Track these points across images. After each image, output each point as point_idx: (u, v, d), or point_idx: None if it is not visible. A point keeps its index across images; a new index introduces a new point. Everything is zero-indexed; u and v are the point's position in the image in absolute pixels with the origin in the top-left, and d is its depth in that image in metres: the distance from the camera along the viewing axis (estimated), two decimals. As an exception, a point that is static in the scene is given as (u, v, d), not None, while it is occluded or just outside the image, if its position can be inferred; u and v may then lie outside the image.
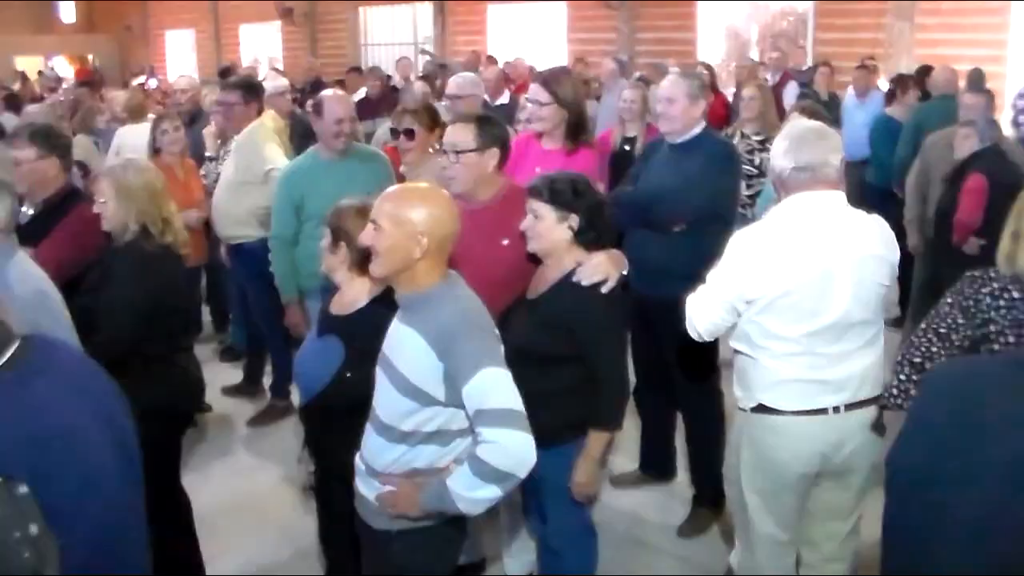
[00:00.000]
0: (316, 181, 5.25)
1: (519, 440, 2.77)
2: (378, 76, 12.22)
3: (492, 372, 2.81)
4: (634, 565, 4.72)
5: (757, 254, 3.35)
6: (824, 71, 11.52)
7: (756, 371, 3.46)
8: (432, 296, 2.95)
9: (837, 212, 3.41)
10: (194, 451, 5.92)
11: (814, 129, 3.52)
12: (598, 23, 17.60)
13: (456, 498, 2.82)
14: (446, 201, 3.04)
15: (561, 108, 4.83)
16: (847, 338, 3.36)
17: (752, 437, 3.53)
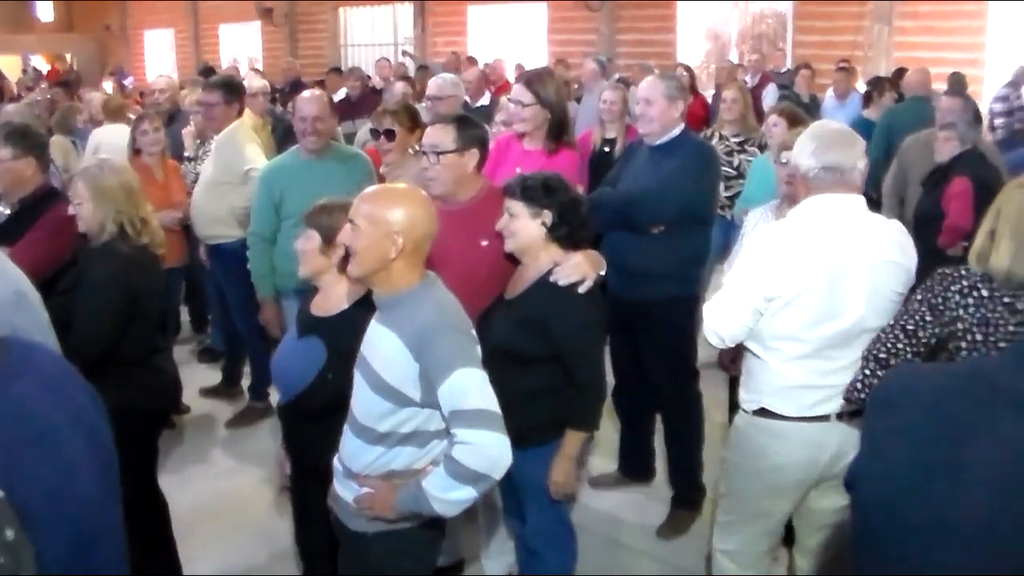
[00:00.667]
0: (295, 180, 5.26)
1: (494, 441, 2.77)
2: (358, 77, 12.19)
3: (467, 373, 2.81)
4: (613, 566, 4.72)
5: (777, 252, 3.32)
6: (805, 73, 11.59)
7: (764, 374, 3.42)
8: (409, 297, 2.95)
9: (857, 215, 3.37)
10: (172, 453, 5.89)
11: (842, 132, 3.49)
12: (578, 24, 17.63)
13: (432, 499, 2.82)
14: (423, 202, 3.04)
15: (543, 109, 4.83)
16: (855, 345, 3.31)
17: (750, 439, 3.51)
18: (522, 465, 3.74)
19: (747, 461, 3.55)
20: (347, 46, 22.79)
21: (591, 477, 5.44)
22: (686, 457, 5.08)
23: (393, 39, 21.65)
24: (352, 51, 22.61)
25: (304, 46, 23.05)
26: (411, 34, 21.01)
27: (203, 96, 6.90)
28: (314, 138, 5.38)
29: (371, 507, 3.00)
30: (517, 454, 3.75)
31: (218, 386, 7.03)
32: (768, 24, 16.16)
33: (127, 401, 3.88)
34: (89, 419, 1.62)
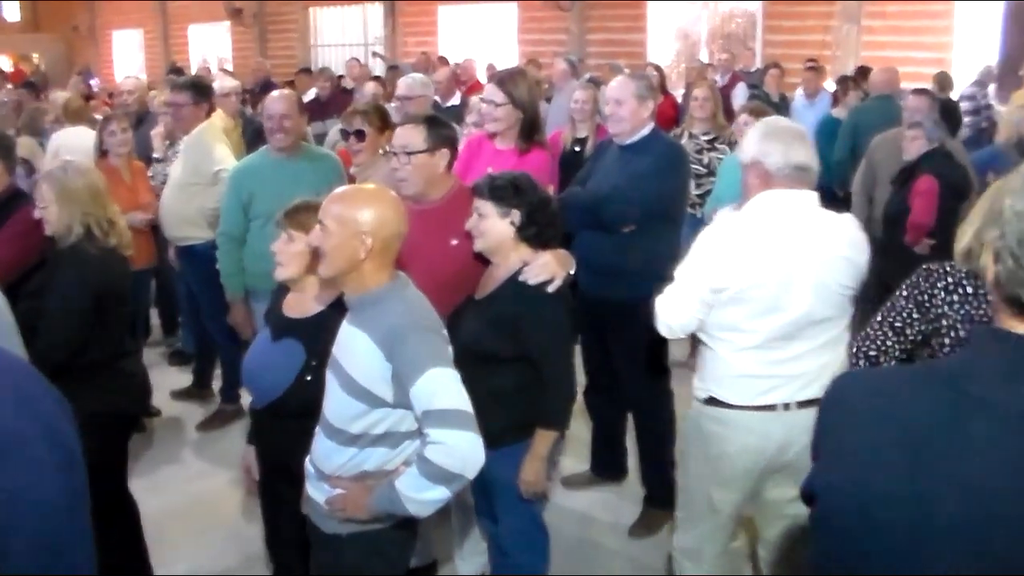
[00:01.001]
0: (264, 180, 5.24)
1: (467, 440, 2.77)
2: (328, 77, 12.15)
3: (439, 373, 2.81)
4: (586, 566, 4.73)
5: (727, 245, 3.37)
6: (774, 72, 11.63)
7: (713, 363, 3.48)
8: (379, 297, 2.95)
9: (810, 211, 3.43)
10: (142, 456, 5.86)
11: (799, 130, 3.55)
12: (548, 24, 17.65)
13: (405, 500, 2.81)
14: (392, 202, 3.04)
15: (516, 108, 4.83)
16: (805, 336, 3.38)
17: (701, 428, 3.56)
18: (493, 465, 3.74)
19: (697, 450, 3.60)
20: (317, 46, 22.74)
21: (563, 477, 5.44)
22: (658, 456, 5.08)
23: (363, 39, 21.60)
24: (322, 51, 22.55)
25: (274, 46, 22.96)
26: (381, 34, 20.96)
27: (171, 97, 6.86)
28: (282, 136, 5.36)
29: (343, 508, 3.00)
30: (488, 454, 3.74)
31: (189, 388, 6.99)
32: (738, 24, 16.25)
33: (96, 404, 3.85)
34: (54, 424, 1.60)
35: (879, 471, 1.44)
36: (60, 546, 1.54)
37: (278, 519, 3.80)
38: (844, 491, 1.50)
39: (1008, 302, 1.41)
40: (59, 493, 1.54)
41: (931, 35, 13.36)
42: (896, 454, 1.43)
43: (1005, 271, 1.39)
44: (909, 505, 1.40)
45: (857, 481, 1.47)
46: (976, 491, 1.35)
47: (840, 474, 1.51)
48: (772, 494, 3.67)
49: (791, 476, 3.56)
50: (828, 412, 1.62)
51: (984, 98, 11.84)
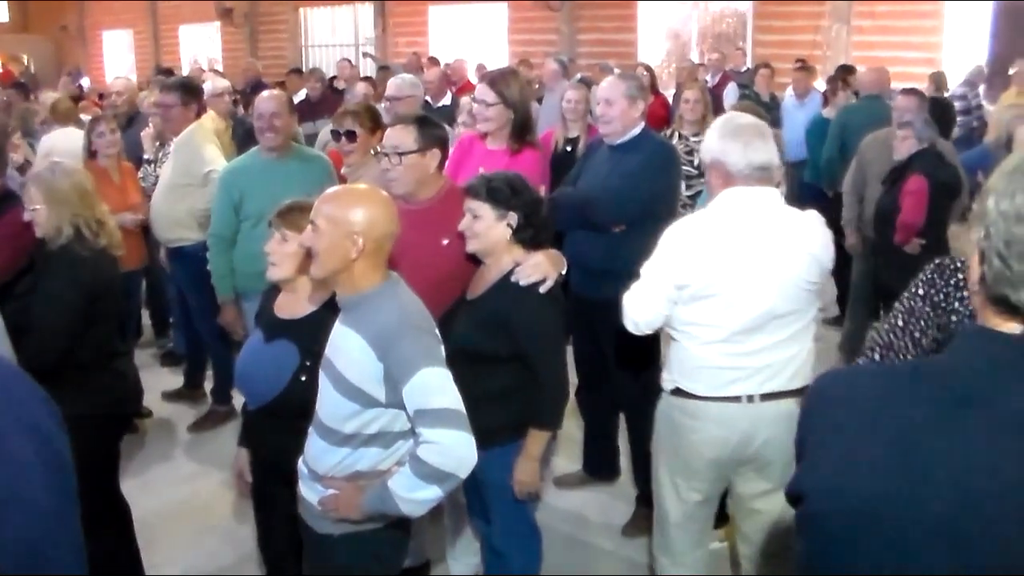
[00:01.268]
0: (255, 180, 5.25)
1: (459, 440, 2.78)
2: (318, 78, 12.13)
3: (431, 372, 2.82)
4: (578, 565, 4.73)
5: (690, 242, 3.40)
6: (764, 72, 11.64)
7: (679, 354, 3.52)
8: (372, 297, 2.95)
9: (773, 208, 3.47)
10: (134, 457, 5.84)
11: (759, 126, 3.56)
12: (539, 24, 17.66)
13: (398, 500, 2.82)
14: (384, 202, 3.05)
15: (507, 109, 4.83)
16: (769, 330, 3.41)
17: (669, 418, 3.61)
18: (486, 465, 3.74)
19: (667, 441, 3.65)
20: (308, 47, 22.71)
21: (555, 477, 5.44)
22: (650, 456, 5.08)
23: (354, 40, 21.58)
24: (313, 52, 22.52)
25: (264, 47, 22.93)
26: (372, 34, 20.95)
27: (160, 97, 6.85)
28: (273, 135, 5.36)
29: (336, 508, 3.00)
30: (481, 454, 3.74)
31: (180, 390, 6.98)
32: (728, 24, 16.28)
33: (87, 406, 3.85)
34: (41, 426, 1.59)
35: (868, 471, 1.44)
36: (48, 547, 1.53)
37: (271, 520, 3.79)
38: (833, 492, 1.49)
39: (994, 301, 1.41)
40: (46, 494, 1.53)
41: (921, 35, 13.40)
42: (885, 454, 1.43)
43: (991, 271, 1.39)
44: (899, 504, 1.40)
45: (846, 481, 1.46)
46: (966, 489, 1.36)
47: (828, 474, 1.50)
48: (741, 488, 3.71)
49: (757, 469, 3.62)
50: (813, 411, 1.61)
51: (975, 98, 11.87)
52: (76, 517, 1.63)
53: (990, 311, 1.43)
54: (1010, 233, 1.36)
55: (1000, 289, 1.39)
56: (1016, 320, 1.40)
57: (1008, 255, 1.36)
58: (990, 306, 1.43)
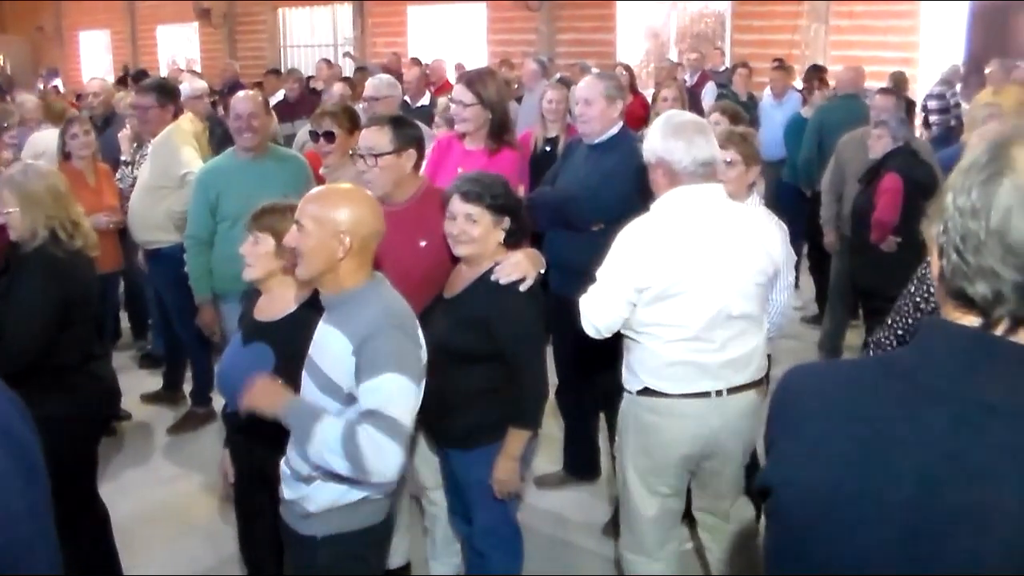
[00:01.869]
0: (231, 181, 5.23)
1: (397, 454, 2.81)
2: (296, 78, 12.10)
3: (396, 379, 2.83)
4: (560, 565, 4.73)
5: (647, 244, 3.42)
6: (742, 72, 11.67)
7: (642, 355, 3.53)
8: (356, 296, 2.96)
9: (722, 205, 3.52)
10: (112, 460, 5.82)
11: (700, 123, 3.59)
12: (518, 24, 17.65)
13: (312, 441, 2.83)
14: (369, 201, 3.06)
15: (484, 109, 4.83)
16: (728, 325, 3.46)
17: (637, 419, 3.61)
18: (467, 465, 3.77)
19: (635, 441, 3.64)
20: (287, 47, 22.63)
21: (536, 476, 5.44)
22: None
23: (333, 40, 21.53)
24: (292, 52, 22.45)
25: (243, 47, 22.83)
26: (351, 35, 20.90)
27: (136, 99, 6.81)
28: (250, 135, 5.35)
29: (254, 392, 3.00)
30: (462, 455, 3.77)
31: (159, 392, 6.95)
32: (707, 23, 16.31)
33: (64, 408, 3.83)
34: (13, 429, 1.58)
35: (832, 463, 1.46)
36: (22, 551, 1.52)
37: (252, 522, 3.79)
38: (797, 484, 1.51)
39: (953, 295, 1.43)
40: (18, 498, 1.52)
41: (898, 35, 13.47)
42: (852, 446, 1.45)
43: (949, 266, 1.41)
44: (862, 496, 1.42)
45: (814, 474, 1.48)
46: (927, 480, 1.38)
47: (797, 468, 1.52)
48: (705, 480, 3.77)
49: (721, 462, 3.68)
50: (782, 406, 1.62)
51: (952, 97, 11.92)
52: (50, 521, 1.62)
53: (950, 305, 1.45)
54: (965, 228, 1.38)
55: (958, 283, 1.41)
56: (974, 313, 1.42)
57: (964, 249, 1.39)
58: (950, 300, 1.45)
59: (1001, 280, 1.37)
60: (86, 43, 27.68)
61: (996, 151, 1.40)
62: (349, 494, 3.03)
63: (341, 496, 3.03)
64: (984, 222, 1.37)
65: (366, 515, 3.10)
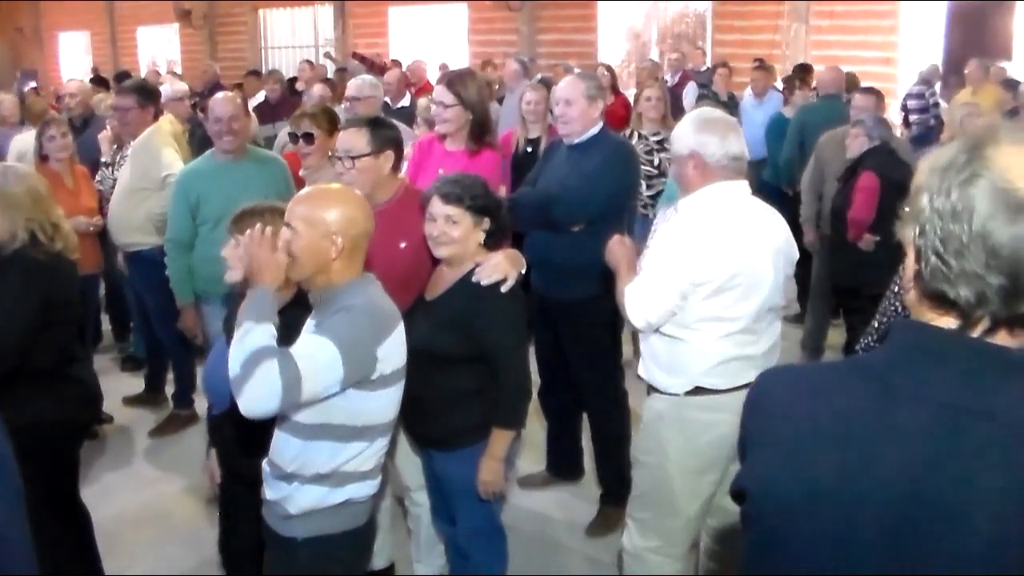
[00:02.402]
0: (211, 183, 5.22)
1: (270, 402, 2.72)
2: (277, 79, 12.07)
3: (330, 350, 2.79)
4: (543, 565, 4.74)
5: (705, 238, 3.44)
6: (723, 72, 11.70)
7: (691, 354, 3.53)
8: (344, 292, 2.97)
9: (752, 201, 3.60)
10: (94, 464, 5.79)
11: (731, 120, 3.67)
12: (499, 25, 17.66)
13: (246, 330, 2.79)
14: (359, 201, 3.09)
15: (465, 110, 4.82)
16: (766, 317, 3.56)
17: (684, 419, 3.56)
18: (450, 466, 3.77)
19: (681, 443, 3.59)
20: (267, 48, 22.58)
21: (519, 477, 5.45)
22: (614, 455, 5.10)
23: (314, 41, 21.49)
24: (273, 53, 22.40)
25: (224, 48, 22.77)
26: (332, 36, 20.87)
27: (117, 100, 6.77)
28: (231, 138, 5.35)
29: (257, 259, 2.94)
30: (445, 455, 3.78)
31: (141, 394, 6.92)
32: (688, 23, 16.35)
33: (45, 412, 3.81)
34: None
35: (811, 465, 1.45)
36: None
37: (235, 522, 3.80)
38: (772, 488, 1.50)
39: (931, 297, 1.43)
40: None
41: (877, 34, 13.53)
42: (827, 448, 1.45)
43: (929, 269, 1.41)
44: (839, 500, 1.42)
45: (791, 478, 1.47)
46: (909, 481, 1.37)
47: (772, 470, 1.51)
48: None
49: None
50: (756, 410, 1.62)
51: (932, 96, 12.00)
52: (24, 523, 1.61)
53: (926, 306, 1.45)
54: (946, 231, 1.38)
55: (937, 286, 1.41)
56: (952, 315, 1.42)
57: (945, 252, 1.38)
58: (926, 301, 1.45)
59: (985, 283, 1.36)
60: (66, 44, 27.55)
61: (972, 152, 1.39)
62: (331, 496, 3.02)
63: (323, 498, 3.02)
64: (966, 225, 1.36)
65: (348, 517, 3.09)
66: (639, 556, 3.81)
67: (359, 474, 3.05)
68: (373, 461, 3.09)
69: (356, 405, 2.94)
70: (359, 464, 3.03)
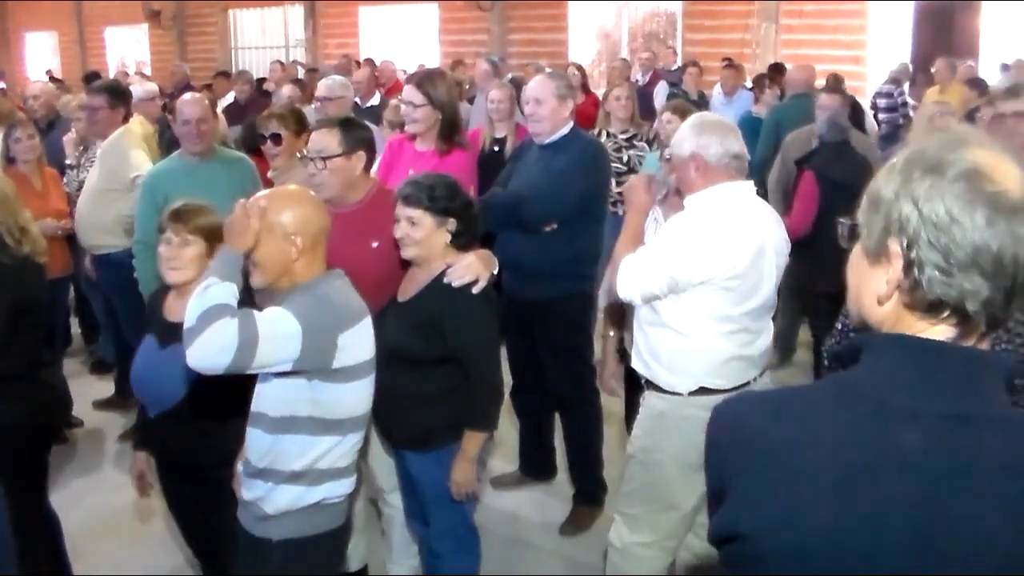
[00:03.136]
0: (179, 184, 5.16)
1: (222, 357, 2.67)
2: (246, 80, 12.01)
3: (290, 323, 2.77)
4: (517, 565, 4.74)
5: (712, 237, 3.45)
6: (692, 71, 11.73)
7: (697, 355, 3.55)
8: (310, 284, 2.98)
9: (756, 202, 3.65)
10: (63, 468, 5.74)
11: (729, 123, 3.70)
12: (470, 24, 17.66)
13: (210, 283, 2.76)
14: (311, 198, 3.11)
15: (435, 110, 4.82)
16: (763, 315, 3.61)
17: (686, 418, 3.54)
18: (422, 467, 3.77)
19: (682, 443, 3.55)
20: (237, 49, 22.47)
21: (492, 477, 5.45)
22: (587, 454, 5.11)
23: (284, 41, 21.41)
24: (243, 54, 22.30)
25: (193, 49, 22.64)
26: (302, 36, 20.79)
27: (87, 100, 6.72)
28: (199, 140, 5.32)
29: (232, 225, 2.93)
30: (418, 456, 3.77)
31: (111, 398, 6.87)
32: (658, 23, 16.40)
33: (14, 417, 3.78)
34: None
35: (816, 504, 1.38)
36: None
37: (186, 514, 3.84)
38: (780, 528, 1.40)
39: (927, 307, 1.39)
40: None
41: (847, 33, 13.64)
42: (831, 480, 1.37)
43: (928, 281, 1.36)
44: (857, 531, 1.35)
45: (794, 517, 1.39)
46: (918, 498, 1.33)
47: (771, 510, 1.42)
48: None
49: None
50: (732, 445, 1.52)
51: (901, 95, 12.08)
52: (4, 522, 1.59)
53: (916, 316, 1.41)
54: (948, 239, 1.34)
55: (937, 294, 1.37)
56: (948, 322, 1.39)
57: (946, 262, 1.35)
58: (918, 312, 1.40)
59: (988, 287, 1.34)
60: (32, 45, 27.30)
61: (954, 155, 1.36)
62: (307, 495, 3.01)
63: (298, 498, 3.01)
64: (969, 233, 1.33)
65: (323, 519, 3.08)
66: (627, 551, 3.81)
67: (334, 471, 3.04)
68: (348, 458, 3.09)
69: (321, 396, 2.93)
70: (333, 460, 3.02)
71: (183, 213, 3.56)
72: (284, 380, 2.91)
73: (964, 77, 11.04)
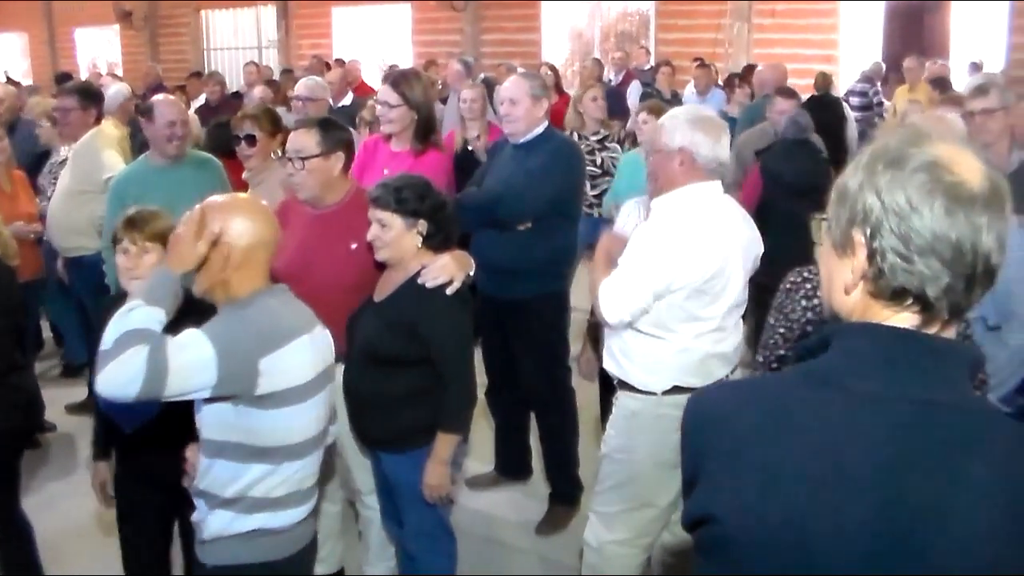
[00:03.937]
0: (147, 188, 5.11)
1: (129, 388, 2.59)
2: (218, 81, 11.96)
3: (204, 347, 2.66)
4: (493, 565, 4.74)
5: (684, 244, 3.45)
6: (665, 70, 11.79)
7: (670, 354, 3.56)
8: (243, 301, 2.84)
9: (724, 200, 3.65)
10: (37, 473, 5.70)
11: (723, 124, 3.69)
12: (443, 25, 17.66)
13: (134, 308, 2.68)
14: (255, 211, 2.94)
15: (410, 110, 4.81)
16: (734, 316, 3.63)
17: (660, 416, 3.54)
18: (397, 468, 3.76)
19: (657, 438, 3.55)
20: (210, 49, 22.36)
21: (468, 478, 5.44)
22: (562, 453, 5.12)
23: (257, 42, 21.33)
24: (215, 55, 22.19)
25: (166, 50, 22.52)
26: (275, 36, 20.72)
27: (59, 101, 6.68)
28: (179, 143, 5.28)
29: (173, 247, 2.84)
30: (392, 458, 3.76)
31: (84, 402, 6.80)
32: (631, 23, 16.44)
33: (-16, 422, 3.75)
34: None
35: (789, 486, 1.42)
36: None
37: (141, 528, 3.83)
38: (753, 512, 1.44)
39: (890, 295, 1.43)
40: None
41: (818, 33, 13.74)
42: (799, 464, 1.41)
43: (888, 266, 1.40)
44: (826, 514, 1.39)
45: (769, 500, 1.43)
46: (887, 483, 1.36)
47: (745, 496, 1.45)
48: None
49: None
50: (705, 434, 1.57)
51: (875, 95, 12.17)
52: None
53: (880, 305, 1.45)
54: (905, 227, 1.38)
55: (899, 282, 1.41)
56: (911, 310, 1.42)
57: (907, 250, 1.39)
58: (882, 300, 1.44)
59: (948, 274, 1.38)
60: (1, 46, 27.06)
61: (919, 148, 1.41)
62: (237, 523, 2.88)
63: (229, 524, 2.88)
64: (928, 221, 1.37)
65: (263, 548, 2.92)
66: (603, 550, 3.81)
67: (268, 501, 2.87)
68: (283, 489, 2.89)
69: (247, 423, 2.79)
70: (267, 490, 2.86)
71: (138, 221, 3.48)
72: (212, 405, 2.80)
73: (930, 76, 11.14)
